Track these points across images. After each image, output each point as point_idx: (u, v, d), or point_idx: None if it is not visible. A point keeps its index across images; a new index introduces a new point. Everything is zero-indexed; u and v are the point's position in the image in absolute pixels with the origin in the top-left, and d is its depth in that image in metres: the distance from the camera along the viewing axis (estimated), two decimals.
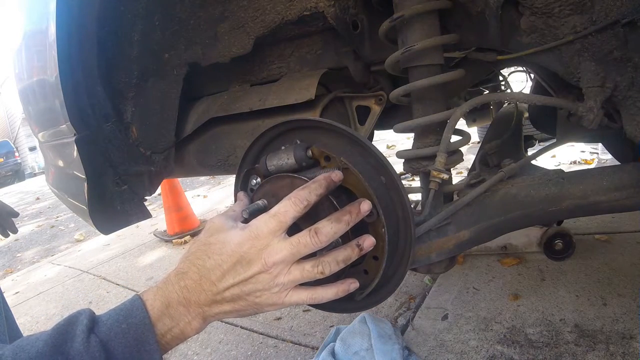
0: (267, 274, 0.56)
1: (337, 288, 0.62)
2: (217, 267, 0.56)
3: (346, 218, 0.60)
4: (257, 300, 0.58)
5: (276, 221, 0.57)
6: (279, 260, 0.56)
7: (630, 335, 1.30)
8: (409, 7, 0.86)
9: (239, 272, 0.56)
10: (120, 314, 0.54)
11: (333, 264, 0.59)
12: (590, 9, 0.72)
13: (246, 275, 0.56)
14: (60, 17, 0.90)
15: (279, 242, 0.57)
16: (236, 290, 0.57)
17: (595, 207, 0.82)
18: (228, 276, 0.56)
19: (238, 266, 0.56)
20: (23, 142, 21.06)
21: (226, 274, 0.56)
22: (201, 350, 1.80)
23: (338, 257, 0.60)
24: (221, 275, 0.56)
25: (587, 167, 3.29)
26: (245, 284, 0.56)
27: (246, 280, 0.56)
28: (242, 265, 0.56)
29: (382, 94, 1.12)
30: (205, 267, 0.57)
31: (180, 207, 3.59)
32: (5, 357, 0.48)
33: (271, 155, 0.82)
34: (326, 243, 0.58)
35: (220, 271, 0.56)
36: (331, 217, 0.59)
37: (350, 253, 0.61)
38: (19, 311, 2.68)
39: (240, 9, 1.05)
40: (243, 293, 0.57)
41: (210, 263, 0.57)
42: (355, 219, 0.61)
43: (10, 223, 1.61)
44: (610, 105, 0.78)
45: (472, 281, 1.83)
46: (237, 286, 0.57)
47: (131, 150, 1.14)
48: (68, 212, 5.98)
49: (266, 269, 0.56)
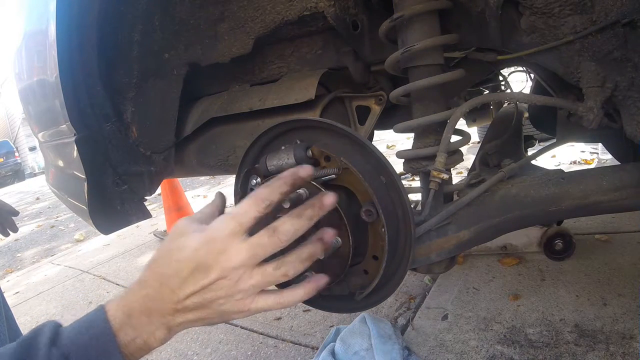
0: (227, 280, 0.52)
1: (304, 288, 0.58)
2: (175, 275, 0.53)
3: (308, 213, 0.56)
4: (222, 308, 0.54)
5: (235, 223, 0.53)
6: (238, 265, 0.52)
7: (630, 335, 1.30)
8: (409, 7, 0.86)
9: (197, 279, 0.52)
10: (82, 325, 0.53)
11: (297, 263, 0.55)
12: (590, 9, 0.72)
13: (205, 283, 0.52)
14: (61, 17, 0.90)
15: (238, 245, 0.53)
16: (198, 299, 0.53)
17: (596, 207, 0.82)
18: (188, 284, 0.52)
19: (196, 273, 0.52)
20: (23, 142, 21.06)
21: (185, 281, 0.52)
22: (201, 350, 1.80)
23: (301, 255, 0.55)
24: (180, 283, 0.52)
25: (587, 167, 3.29)
26: (206, 292, 0.53)
27: (206, 287, 0.52)
28: (200, 272, 0.52)
29: (382, 94, 1.12)
30: (166, 274, 0.53)
31: (180, 207, 3.58)
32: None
33: (271, 155, 0.82)
34: (287, 242, 0.54)
35: (179, 279, 0.52)
36: (292, 213, 0.56)
37: (313, 249, 0.57)
38: (19, 311, 2.68)
39: (240, 9, 1.05)
40: (205, 301, 0.53)
41: (170, 271, 0.53)
42: (319, 213, 0.56)
43: (11, 222, 1.61)
44: (610, 105, 0.78)
45: (472, 281, 1.83)
46: (198, 294, 0.53)
47: (131, 150, 1.13)
48: (68, 212, 5.98)
49: (225, 275, 0.52)
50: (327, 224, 0.75)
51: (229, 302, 0.54)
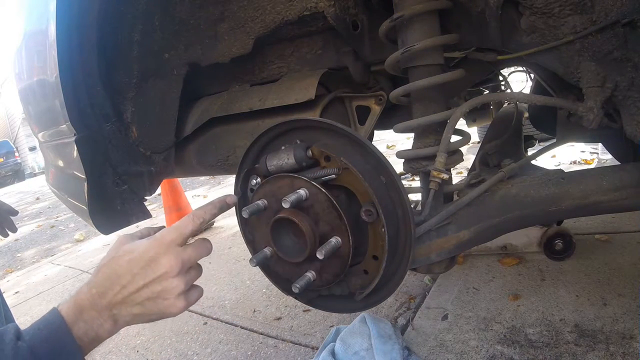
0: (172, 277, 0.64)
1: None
2: (127, 272, 0.63)
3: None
4: (165, 303, 0.65)
5: (177, 233, 0.66)
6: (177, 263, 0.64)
7: (630, 335, 1.30)
8: (409, 7, 0.86)
9: (148, 273, 0.63)
10: (40, 324, 0.60)
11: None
12: (590, 9, 0.72)
13: (154, 276, 0.63)
14: (61, 17, 0.90)
15: (179, 249, 0.66)
16: (146, 292, 0.63)
17: (596, 207, 0.82)
18: (138, 278, 0.63)
19: (147, 268, 0.63)
20: (23, 142, 21.05)
21: (136, 276, 0.63)
22: (201, 350, 1.80)
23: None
24: (131, 278, 0.63)
25: (587, 167, 3.29)
26: (154, 285, 0.63)
27: (154, 281, 0.63)
28: (150, 268, 0.63)
29: (382, 94, 1.12)
30: (116, 273, 0.63)
31: (180, 207, 3.59)
32: None
33: (271, 155, 0.82)
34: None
35: (130, 275, 0.63)
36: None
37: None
38: (19, 311, 2.68)
39: (240, 9, 1.05)
40: (153, 294, 0.64)
41: (121, 270, 0.63)
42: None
43: (10, 222, 1.61)
44: (610, 105, 0.78)
45: (472, 281, 1.83)
46: (148, 287, 0.63)
47: (131, 150, 1.13)
48: (68, 212, 5.98)
49: (170, 271, 0.64)
50: (327, 224, 0.75)
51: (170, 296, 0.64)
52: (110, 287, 0.63)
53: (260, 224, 0.84)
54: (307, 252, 0.74)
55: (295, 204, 0.73)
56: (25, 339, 0.57)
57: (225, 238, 3.28)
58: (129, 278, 0.63)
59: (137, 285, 0.63)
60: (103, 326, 0.63)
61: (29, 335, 0.58)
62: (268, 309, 2.03)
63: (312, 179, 0.76)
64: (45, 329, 0.59)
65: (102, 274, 0.64)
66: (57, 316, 0.61)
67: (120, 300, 0.63)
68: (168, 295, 0.65)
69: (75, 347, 0.59)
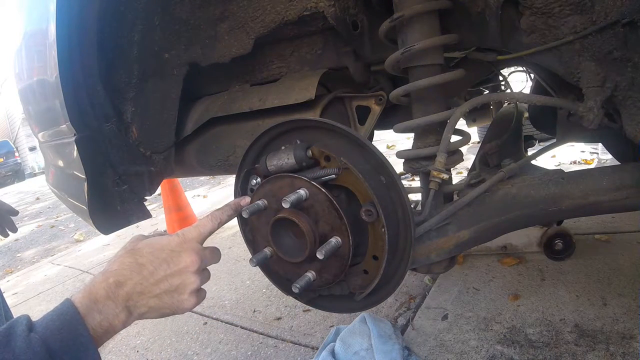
0: (191, 273, 0.66)
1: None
2: (150, 263, 0.64)
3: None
4: (180, 297, 0.66)
5: (197, 232, 0.70)
6: (197, 260, 0.67)
7: (630, 335, 1.30)
8: (409, 7, 0.86)
9: (170, 265, 0.65)
10: (53, 314, 0.59)
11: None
12: (590, 9, 0.72)
13: (176, 269, 0.65)
14: (61, 17, 0.90)
15: (199, 246, 0.69)
16: (165, 285, 0.65)
17: (596, 207, 0.82)
18: (160, 270, 0.64)
19: (170, 260, 0.65)
20: (23, 142, 21.03)
21: (158, 267, 0.64)
22: (201, 350, 1.80)
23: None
24: (154, 269, 0.64)
25: (587, 167, 3.29)
26: (174, 277, 0.65)
27: (174, 273, 0.65)
28: (173, 260, 0.66)
29: (382, 94, 1.12)
30: (138, 263, 0.64)
31: (180, 207, 3.59)
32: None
33: (271, 155, 0.82)
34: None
35: (152, 266, 0.64)
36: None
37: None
38: (19, 311, 2.67)
39: (240, 9, 1.05)
40: (171, 287, 0.65)
41: (143, 260, 0.65)
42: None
43: (10, 222, 1.61)
44: (610, 105, 0.78)
45: (472, 281, 1.83)
46: (167, 280, 0.65)
47: (131, 150, 1.13)
48: (68, 212, 5.98)
49: (190, 266, 0.66)
50: (326, 224, 0.76)
51: (187, 290, 0.66)
52: (131, 276, 0.63)
53: (260, 224, 0.84)
54: (307, 252, 0.74)
55: (295, 204, 0.73)
56: (37, 330, 0.56)
57: (225, 238, 3.28)
58: (151, 269, 0.64)
59: (158, 277, 0.64)
60: (118, 316, 0.62)
61: (41, 327, 0.57)
62: (268, 309, 2.03)
63: (312, 179, 0.76)
64: (57, 319, 0.58)
65: (122, 264, 0.64)
66: (70, 307, 0.59)
67: (140, 291, 0.63)
68: (184, 290, 0.66)
69: (88, 338, 0.58)
